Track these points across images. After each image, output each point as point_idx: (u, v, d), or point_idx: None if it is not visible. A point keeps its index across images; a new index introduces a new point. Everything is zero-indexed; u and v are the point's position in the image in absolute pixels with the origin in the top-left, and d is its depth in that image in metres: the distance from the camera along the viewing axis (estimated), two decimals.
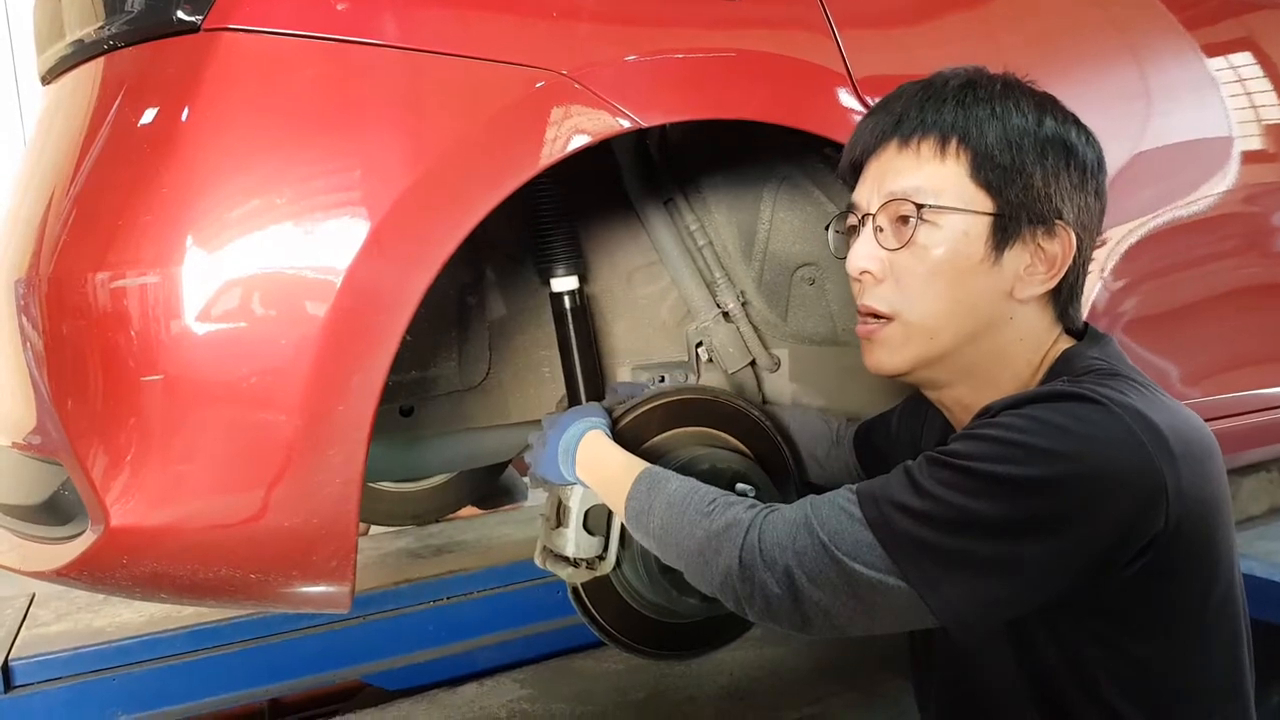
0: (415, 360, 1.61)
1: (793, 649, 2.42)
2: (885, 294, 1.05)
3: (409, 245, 1.09)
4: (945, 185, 1.01)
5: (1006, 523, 0.89)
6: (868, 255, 1.06)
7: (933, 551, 0.90)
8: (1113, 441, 0.89)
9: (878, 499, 0.95)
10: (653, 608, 1.37)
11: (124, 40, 1.14)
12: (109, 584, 1.15)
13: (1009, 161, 1.00)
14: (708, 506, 1.05)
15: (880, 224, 1.05)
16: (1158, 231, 1.67)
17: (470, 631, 2.34)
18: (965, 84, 1.04)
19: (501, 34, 1.16)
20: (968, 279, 1.02)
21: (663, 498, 1.10)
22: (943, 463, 0.93)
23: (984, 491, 0.89)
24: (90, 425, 1.07)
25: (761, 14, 1.33)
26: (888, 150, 1.06)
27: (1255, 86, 1.85)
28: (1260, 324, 1.89)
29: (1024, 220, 1.01)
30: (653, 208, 1.60)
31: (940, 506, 0.90)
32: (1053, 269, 1.03)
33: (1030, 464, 0.88)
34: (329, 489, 1.09)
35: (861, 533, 0.93)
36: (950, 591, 0.91)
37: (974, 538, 0.89)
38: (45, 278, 1.10)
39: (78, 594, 2.32)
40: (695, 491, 1.09)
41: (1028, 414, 0.92)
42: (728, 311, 1.64)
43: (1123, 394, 0.93)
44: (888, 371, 1.09)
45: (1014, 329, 1.05)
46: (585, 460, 1.26)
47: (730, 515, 1.03)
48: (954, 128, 1.02)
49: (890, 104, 1.08)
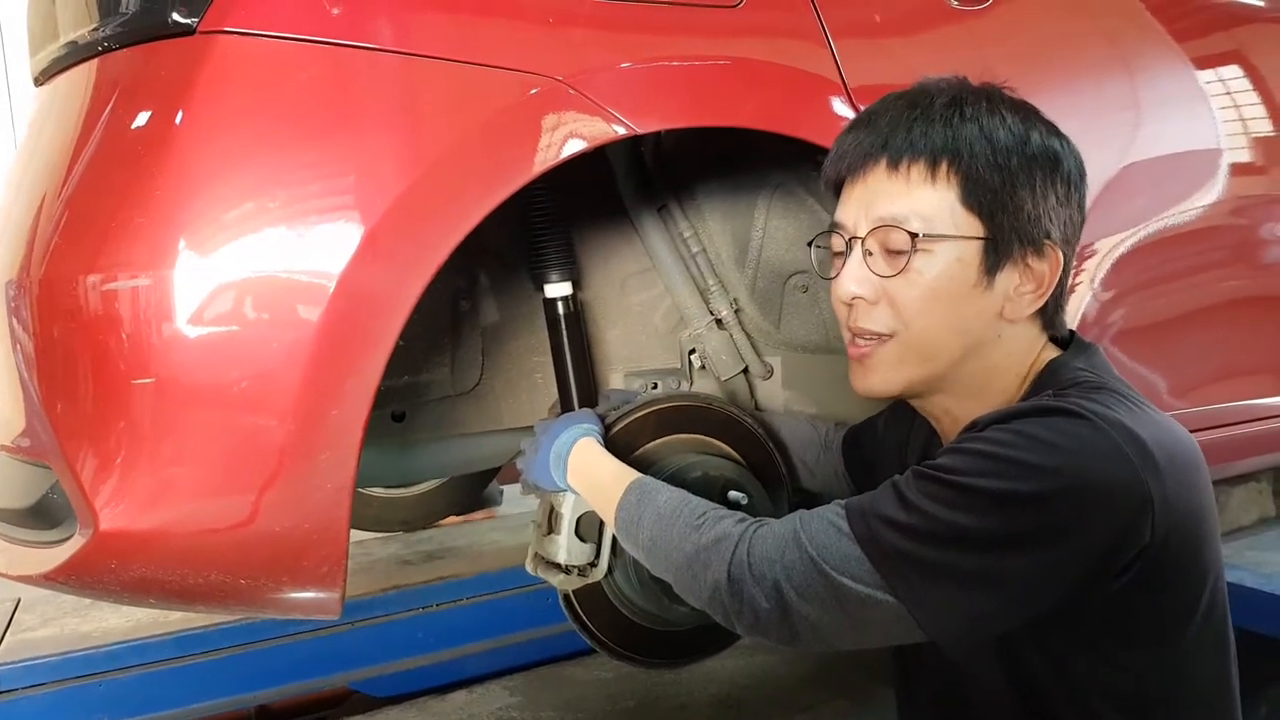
0: (408, 365, 1.60)
1: (783, 658, 2.42)
2: (881, 316, 1.04)
3: (403, 250, 1.09)
4: (937, 211, 1.00)
5: (992, 537, 0.89)
6: (859, 280, 1.04)
7: (919, 565, 0.90)
8: (1099, 455, 0.89)
9: (865, 514, 0.95)
10: (644, 615, 1.36)
11: (118, 42, 1.14)
12: (97, 588, 1.15)
13: (999, 184, 1.00)
14: (697, 520, 1.05)
15: (869, 248, 1.04)
16: (1147, 243, 1.67)
17: (460, 638, 2.33)
18: (952, 101, 1.03)
19: (497, 39, 1.16)
20: (961, 303, 1.02)
21: (652, 509, 1.10)
22: (930, 477, 0.93)
23: (970, 506, 0.89)
24: (80, 428, 1.07)
25: (757, 22, 1.33)
26: (875, 172, 1.04)
27: (1244, 99, 1.86)
28: (1248, 335, 1.89)
29: (1015, 243, 1.01)
30: (647, 214, 1.60)
31: (926, 520, 0.91)
32: (1041, 287, 1.04)
33: (1017, 479, 0.88)
34: (320, 494, 1.08)
35: (849, 547, 0.94)
36: (937, 605, 0.91)
37: (960, 552, 0.90)
38: (37, 280, 1.09)
39: (64, 598, 2.31)
40: (685, 504, 1.08)
41: (1014, 429, 0.92)
42: (721, 319, 1.64)
43: (1108, 408, 0.93)
44: (880, 394, 1.09)
45: (1002, 346, 1.05)
46: (576, 467, 1.25)
47: (719, 529, 1.02)
48: (944, 150, 1.00)
49: (874, 120, 1.06)
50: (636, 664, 1.41)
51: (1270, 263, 1.91)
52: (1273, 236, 1.88)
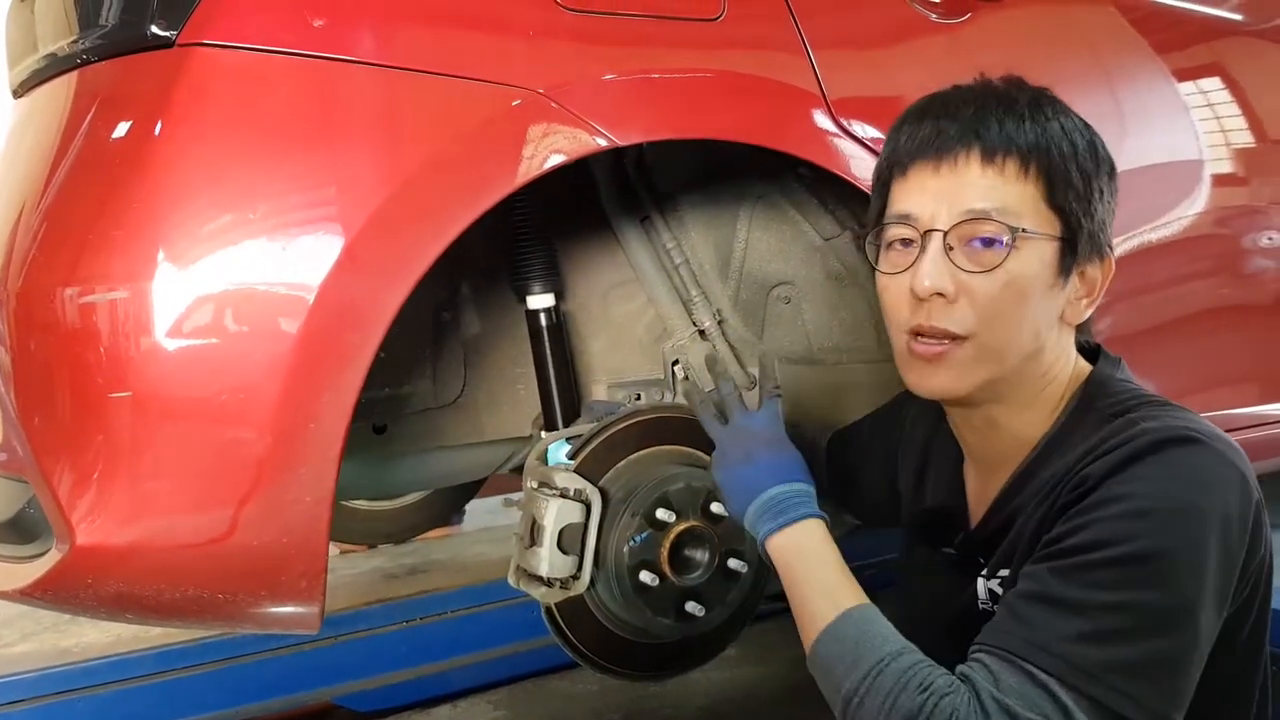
0: (389, 377, 1.60)
1: (769, 670, 2.42)
2: (960, 315, 0.99)
3: (383, 262, 1.08)
4: (1026, 208, 0.98)
5: (1181, 600, 0.86)
6: (941, 274, 0.98)
7: (1127, 666, 0.85)
8: (1226, 483, 0.90)
9: (1040, 646, 0.86)
10: (627, 628, 1.36)
11: (98, 54, 1.13)
12: (74, 604, 1.14)
13: (1081, 186, 0.99)
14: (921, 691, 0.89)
15: (951, 243, 0.99)
16: (1131, 253, 1.69)
17: (444, 652, 2.31)
18: (1034, 99, 1.01)
19: (478, 52, 1.16)
20: (1038, 303, 1.00)
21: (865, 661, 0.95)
22: (1088, 564, 0.87)
23: (1147, 577, 0.85)
24: (57, 442, 1.06)
25: (738, 35, 1.33)
26: (968, 163, 0.99)
27: (1224, 111, 1.88)
28: (1233, 344, 1.91)
29: (1087, 245, 1.01)
30: (629, 226, 1.60)
31: (1115, 614, 0.85)
32: (1093, 293, 1.04)
33: (1176, 530, 0.86)
34: (299, 507, 1.07)
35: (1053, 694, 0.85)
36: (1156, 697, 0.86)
37: (1164, 632, 0.85)
38: (13, 293, 1.08)
39: (43, 614, 2.28)
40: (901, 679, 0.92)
41: (1142, 475, 0.89)
42: (704, 330, 1.64)
43: (1198, 423, 0.94)
44: (953, 395, 1.04)
45: (1055, 350, 1.04)
46: (795, 546, 1.08)
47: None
48: (1035, 148, 0.98)
49: (954, 110, 1.01)
50: (620, 677, 1.41)
51: (1253, 272, 1.93)
52: (1254, 246, 1.90)
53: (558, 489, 1.29)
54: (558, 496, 1.28)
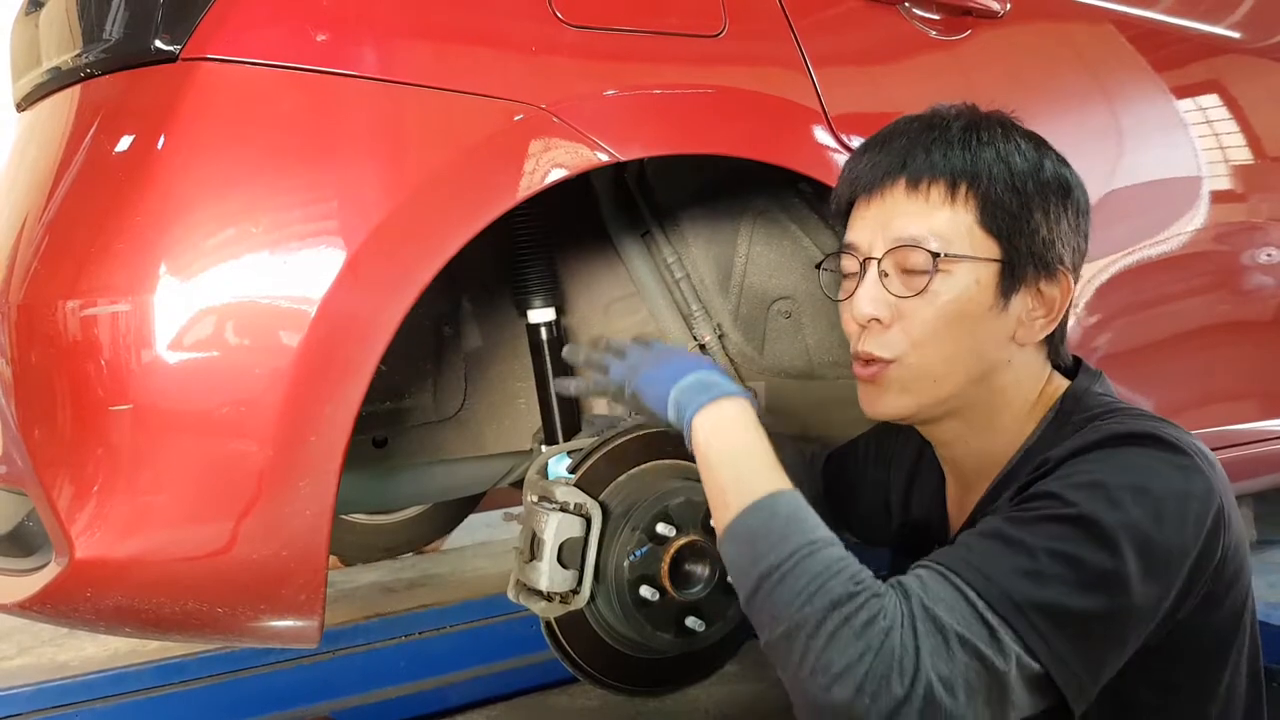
0: (390, 391, 1.60)
1: (769, 685, 2.40)
2: (890, 339, 1.03)
3: (385, 275, 1.09)
4: (955, 232, 1.00)
5: (1130, 572, 0.86)
6: (875, 301, 1.03)
7: (1063, 617, 0.86)
8: (1187, 478, 0.90)
9: (982, 573, 0.87)
10: (627, 643, 1.35)
11: (101, 68, 1.14)
12: (73, 617, 1.13)
13: (1016, 207, 1.00)
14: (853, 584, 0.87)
15: (885, 269, 1.03)
16: (1129, 269, 1.69)
17: (443, 667, 2.31)
18: (969, 125, 1.03)
19: (480, 67, 1.17)
20: (976, 325, 1.02)
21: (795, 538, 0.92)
22: (1049, 517, 0.88)
23: (1101, 540, 0.86)
24: (57, 454, 1.06)
25: (739, 51, 1.34)
26: (894, 192, 1.03)
27: (1223, 128, 1.89)
28: (1230, 360, 1.91)
29: (1030, 266, 1.01)
30: (630, 240, 1.60)
31: (1065, 565, 0.86)
32: (1051, 312, 1.04)
33: (1135, 506, 0.87)
34: (299, 521, 1.07)
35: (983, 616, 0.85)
36: (1085, 660, 0.87)
37: (1109, 595, 0.86)
38: (15, 305, 1.08)
39: (41, 627, 2.28)
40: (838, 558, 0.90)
41: (1102, 458, 0.91)
42: (704, 344, 1.65)
43: (1170, 428, 0.94)
44: (888, 416, 1.07)
45: (1012, 371, 1.05)
46: (719, 425, 1.03)
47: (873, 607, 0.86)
48: (963, 172, 1.00)
49: (890, 141, 1.05)
50: (620, 692, 1.40)
51: (1250, 288, 1.93)
52: (1252, 262, 1.91)
53: (558, 503, 1.29)
54: (558, 510, 1.28)
